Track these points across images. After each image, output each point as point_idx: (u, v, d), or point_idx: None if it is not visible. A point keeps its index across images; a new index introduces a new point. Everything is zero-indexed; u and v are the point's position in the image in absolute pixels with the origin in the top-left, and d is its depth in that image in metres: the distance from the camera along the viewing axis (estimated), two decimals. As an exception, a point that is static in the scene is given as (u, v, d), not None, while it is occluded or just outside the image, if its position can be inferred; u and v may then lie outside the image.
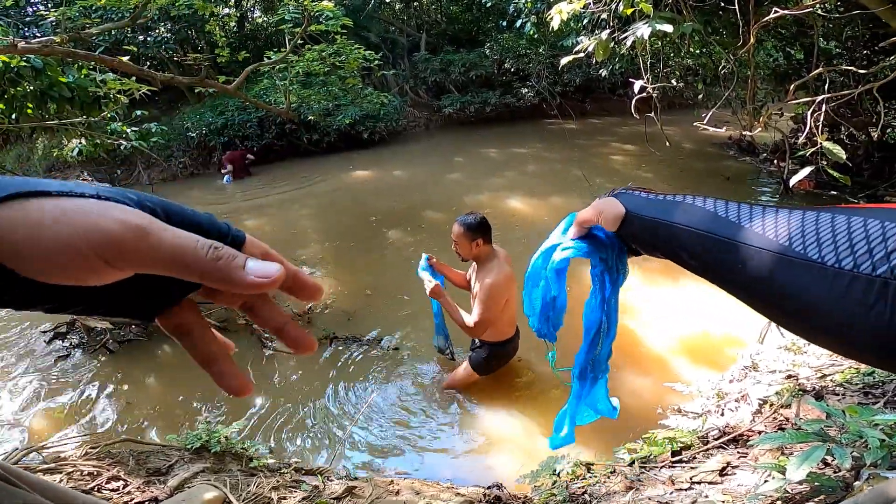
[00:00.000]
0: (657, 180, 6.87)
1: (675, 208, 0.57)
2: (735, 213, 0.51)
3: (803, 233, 0.43)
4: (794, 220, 0.46)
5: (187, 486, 1.39)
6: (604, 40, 3.43)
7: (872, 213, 0.41)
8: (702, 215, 0.54)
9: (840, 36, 5.17)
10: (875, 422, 1.32)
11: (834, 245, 0.41)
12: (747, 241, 0.48)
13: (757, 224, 0.48)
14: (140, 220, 0.27)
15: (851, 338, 0.40)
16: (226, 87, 4.73)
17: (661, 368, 3.12)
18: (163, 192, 9.15)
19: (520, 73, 11.87)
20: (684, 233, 0.55)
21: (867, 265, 0.38)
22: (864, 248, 0.39)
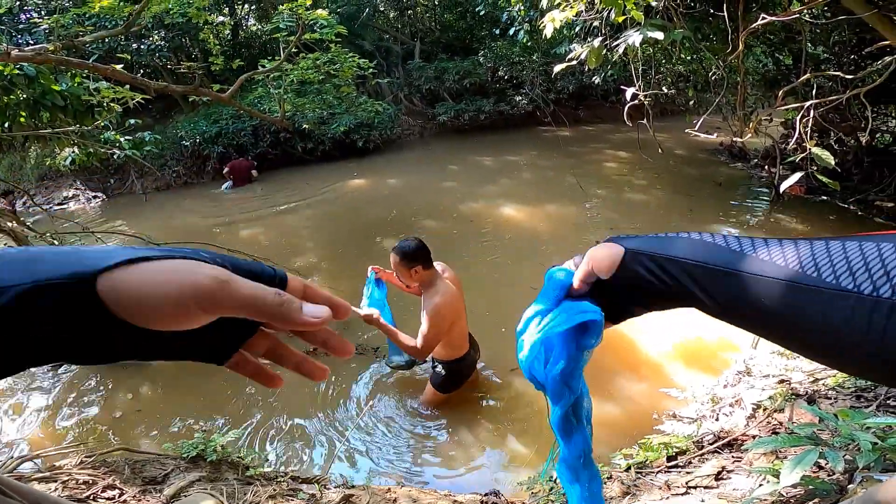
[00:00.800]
0: (650, 187, 6.92)
1: (676, 242, 0.54)
2: (746, 245, 0.50)
3: (815, 260, 0.44)
4: (804, 249, 0.46)
5: (184, 495, 1.39)
6: (596, 48, 3.47)
7: (882, 238, 0.42)
8: (712, 249, 0.51)
9: (828, 41, 5.23)
10: (867, 425, 1.34)
11: (849, 270, 0.41)
12: (765, 273, 0.47)
13: (767, 255, 0.48)
14: (223, 275, 0.33)
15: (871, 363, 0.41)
16: (220, 95, 4.73)
17: (656, 374, 3.14)
18: (156, 200, 9.13)
19: (513, 80, 11.94)
20: (692, 267, 0.51)
21: (887, 289, 0.38)
22: (882, 271, 0.39)
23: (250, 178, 9.50)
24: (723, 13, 3.26)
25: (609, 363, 3.32)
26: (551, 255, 4.91)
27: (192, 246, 2.29)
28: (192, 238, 5.30)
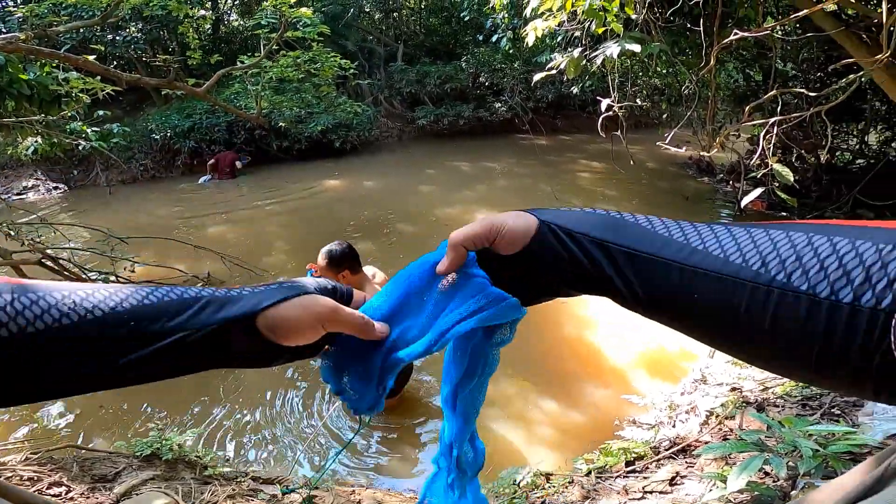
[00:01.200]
0: (621, 198, 7.07)
1: (599, 220, 0.48)
2: (685, 233, 0.45)
3: (780, 256, 0.39)
4: (762, 240, 0.41)
5: (135, 494, 1.36)
6: (575, 58, 3.54)
7: (855, 230, 0.38)
8: (642, 233, 0.46)
9: (797, 58, 5.38)
10: (809, 432, 1.40)
11: (823, 272, 0.36)
12: (704, 265, 0.42)
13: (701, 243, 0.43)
14: (333, 304, 0.50)
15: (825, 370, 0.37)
16: (195, 89, 4.66)
17: (620, 381, 3.20)
18: (121, 194, 8.90)
19: (494, 87, 12.03)
20: (616, 252, 0.45)
21: (869, 297, 0.34)
22: (862, 276, 0.35)
23: (234, 171, 9.40)
24: (699, 28, 3.35)
25: (575, 370, 3.38)
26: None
27: (158, 240, 2.26)
28: (158, 233, 5.18)
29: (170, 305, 0.45)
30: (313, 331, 0.49)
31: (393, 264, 5.20)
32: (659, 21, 3.65)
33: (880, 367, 0.34)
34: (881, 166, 5.40)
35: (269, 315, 0.47)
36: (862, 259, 0.35)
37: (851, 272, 0.35)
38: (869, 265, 0.35)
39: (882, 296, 0.33)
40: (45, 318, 0.41)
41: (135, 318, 0.44)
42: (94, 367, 0.43)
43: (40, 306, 0.42)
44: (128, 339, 0.43)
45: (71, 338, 0.42)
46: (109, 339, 0.43)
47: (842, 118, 5.71)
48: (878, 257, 0.35)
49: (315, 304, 0.49)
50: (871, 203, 5.19)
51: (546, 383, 3.21)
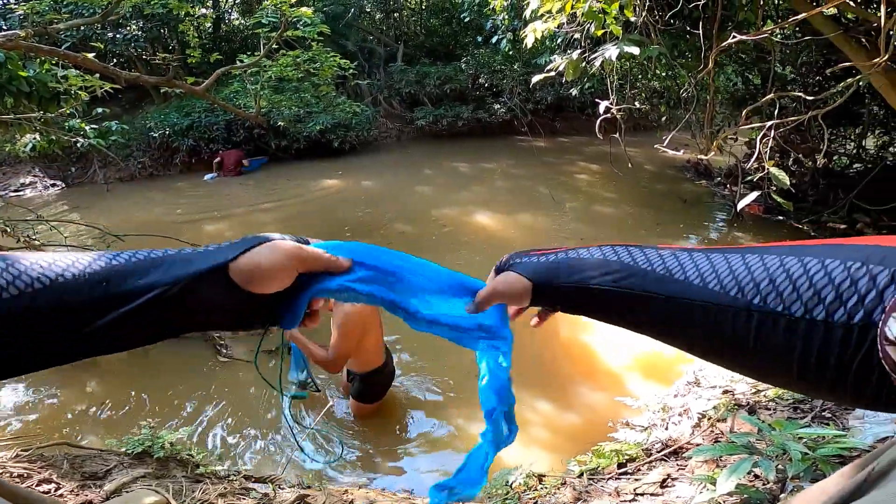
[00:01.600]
0: (619, 201, 7.07)
1: (588, 266, 0.53)
2: (666, 265, 0.48)
3: (755, 280, 0.41)
4: (738, 266, 0.43)
5: (125, 491, 1.36)
6: (574, 60, 3.54)
7: (822, 251, 0.40)
8: (625, 270, 0.50)
9: (796, 62, 5.38)
10: (799, 435, 1.40)
11: (796, 292, 0.39)
12: (686, 295, 0.45)
13: (682, 273, 0.46)
14: (299, 245, 0.52)
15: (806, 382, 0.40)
16: (194, 88, 4.66)
17: (615, 383, 3.21)
18: (118, 191, 8.90)
19: (493, 88, 12.03)
20: (603, 294, 0.51)
21: (841, 314, 0.36)
22: (833, 294, 0.37)
23: (239, 169, 9.46)
24: (699, 31, 3.36)
25: (570, 372, 3.38)
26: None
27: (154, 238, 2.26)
28: (154, 231, 5.17)
29: (140, 264, 0.46)
30: (286, 272, 0.50)
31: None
32: (658, 24, 3.65)
33: (858, 376, 0.36)
34: (878, 171, 5.42)
35: (242, 262, 0.47)
36: (831, 278, 0.37)
37: (822, 291, 0.37)
38: (838, 283, 0.37)
39: (854, 311, 0.35)
40: (18, 284, 0.41)
41: (107, 278, 0.44)
42: (69, 331, 0.43)
43: (10, 273, 0.41)
44: (103, 299, 0.43)
45: (45, 303, 0.41)
46: (84, 300, 0.43)
47: (840, 122, 5.72)
48: (846, 275, 0.37)
49: (282, 246, 0.50)
50: (867, 208, 5.20)
51: (541, 385, 3.21)
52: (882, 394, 0.35)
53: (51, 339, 0.42)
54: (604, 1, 3.11)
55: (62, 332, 0.42)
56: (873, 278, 0.36)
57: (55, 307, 0.42)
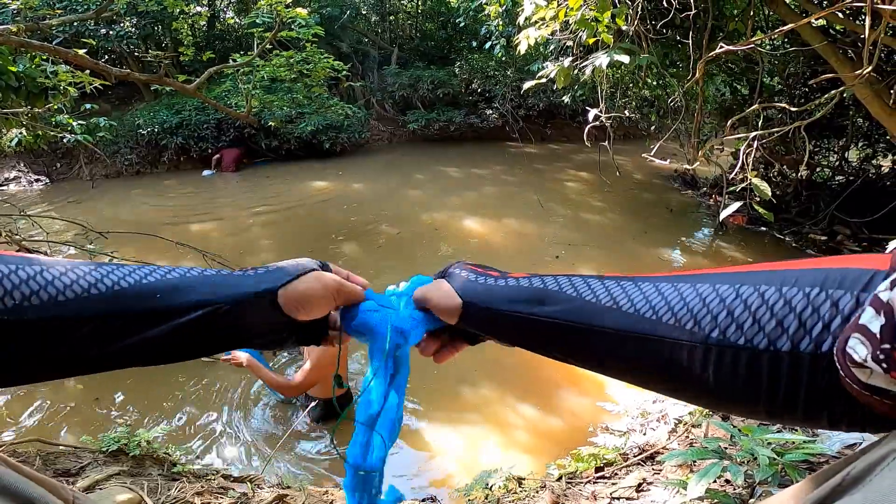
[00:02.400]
0: (606, 209, 7.14)
1: (515, 294, 0.51)
2: (612, 297, 0.45)
3: (711, 313, 0.39)
4: (691, 297, 0.41)
5: (99, 488, 1.35)
6: (565, 67, 3.58)
7: (778, 277, 0.38)
8: (569, 301, 0.47)
9: (783, 73, 5.41)
10: (768, 440, 1.44)
11: (757, 324, 0.37)
12: (638, 329, 0.43)
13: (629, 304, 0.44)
14: (340, 279, 0.56)
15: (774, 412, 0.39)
16: (185, 86, 4.64)
17: (597, 389, 3.24)
18: (104, 188, 8.83)
19: (486, 94, 12.07)
20: (534, 323, 0.49)
21: (807, 343, 0.35)
22: (796, 324, 0.36)
23: (237, 166, 9.60)
24: (689, 41, 3.41)
25: (554, 377, 3.40)
26: (507, 268, 5.01)
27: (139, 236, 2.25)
28: (140, 229, 5.14)
29: (193, 280, 0.48)
30: (328, 303, 0.54)
31: (379, 267, 5.21)
32: (650, 33, 3.70)
33: (832, 404, 0.35)
34: (859, 183, 5.50)
35: (291, 288, 0.51)
36: (792, 306, 0.36)
37: (784, 320, 0.36)
38: (800, 311, 0.36)
39: (820, 339, 0.34)
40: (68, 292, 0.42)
41: (160, 290, 0.45)
42: (113, 342, 0.43)
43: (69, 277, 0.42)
44: (153, 312, 0.45)
45: (94, 312, 0.42)
46: (136, 313, 0.44)
47: (824, 134, 5.79)
48: (807, 302, 0.36)
49: (327, 278, 0.54)
50: (848, 220, 5.28)
51: (524, 389, 3.24)
52: (858, 417, 0.35)
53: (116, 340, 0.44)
54: (596, 9, 3.14)
55: (103, 341, 0.43)
56: (835, 304, 0.34)
57: (99, 317, 0.43)
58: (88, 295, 0.42)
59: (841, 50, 3.61)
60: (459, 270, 0.57)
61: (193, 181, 9.22)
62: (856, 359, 0.31)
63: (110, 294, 0.43)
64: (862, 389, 0.32)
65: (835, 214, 5.41)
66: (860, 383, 0.32)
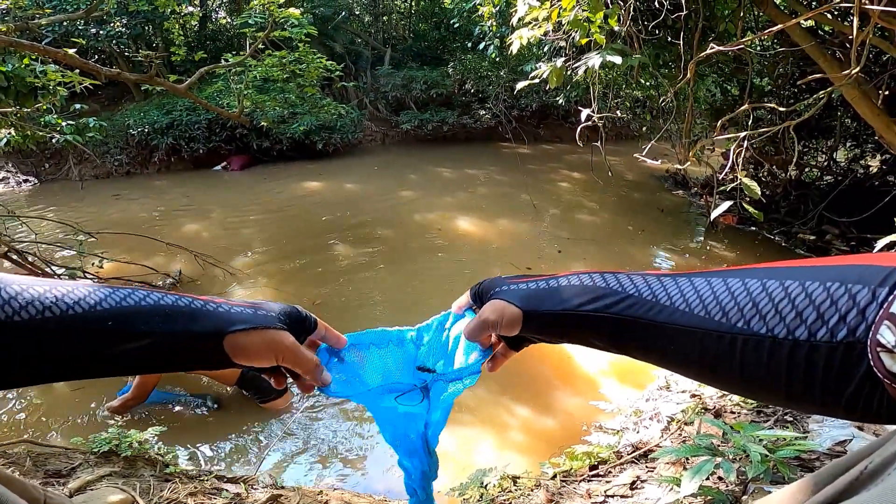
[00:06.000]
0: (599, 209, 7.17)
1: (576, 292, 0.55)
2: (652, 291, 0.50)
3: (738, 305, 0.43)
4: (720, 290, 0.45)
5: (90, 489, 1.34)
6: (558, 67, 3.59)
7: (802, 272, 0.41)
8: (613, 297, 0.52)
9: (773, 73, 5.46)
10: (759, 437, 1.45)
11: (778, 315, 0.40)
12: (673, 321, 0.47)
13: (667, 298, 0.48)
14: (295, 346, 0.57)
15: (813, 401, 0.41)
16: (176, 86, 4.61)
17: (591, 388, 3.26)
18: (93, 188, 8.76)
19: (479, 94, 12.09)
20: (593, 319, 0.53)
21: (824, 332, 0.38)
22: (814, 314, 0.38)
23: (243, 167, 9.84)
24: (680, 42, 3.43)
25: (548, 376, 3.42)
26: (501, 269, 5.02)
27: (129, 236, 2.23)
28: (130, 229, 5.10)
29: (145, 309, 0.51)
30: (268, 362, 0.57)
31: (372, 269, 5.20)
32: (641, 33, 3.73)
33: (846, 392, 0.37)
34: (848, 183, 5.56)
35: (236, 339, 0.54)
36: (812, 299, 0.39)
37: (803, 312, 0.39)
38: (819, 303, 0.38)
39: (836, 329, 0.37)
40: (30, 310, 0.45)
41: (114, 317, 0.49)
42: (74, 357, 0.48)
43: (24, 297, 0.45)
44: (107, 335, 0.48)
45: (54, 330, 0.46)
46: (93, 332, 0.48)
47: (813, 135, 5.85)
48: (826, 295, 0.38)
49: (279, 343, 0.56)
50: (836, 220, 5.33)
51: (519, 389, 3.24)
52: (873, 404, 0.36)
53: (66, 359, 0.48)
54: (589, 10, 3.16)
55: (63, 358, 0.48)
56: (853, 297, 0.37)
57: (67, 335, 0.47)
58: (43, 317, 0.45)
59: (829, 51, 3.65)
60: (505, 286, 0.61)
61: (185, 181, 9.16)
62: (884, 343, 0.34)
63: (66, 318, 0.47)
64: (884, 377, 0.34)
65: (823, 214, 5.46)
66: (884, 370, 0.34)
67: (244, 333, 0.54)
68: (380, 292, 4.63)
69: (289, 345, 0.57)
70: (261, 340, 0.55)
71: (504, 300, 0.59)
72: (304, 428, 2.90)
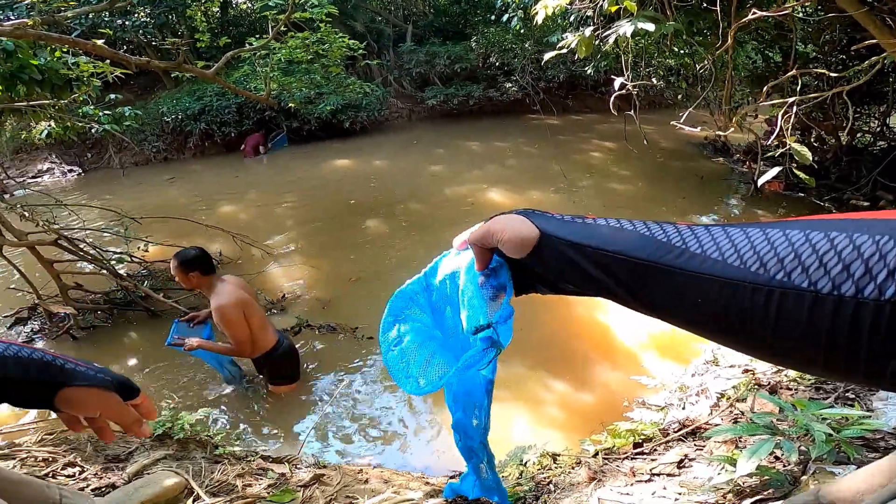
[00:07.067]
0: (634, 178, 6.97)
1: (603, 231, 0.49)
2: (682, 237, 0.44)
3: (778, 255, 0.38)
4: (759, 240, 0.40)
5: (147, 473, 1.38)
6: (586, 37, 3.45)
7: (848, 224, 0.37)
8: (640, 240, 0.46)
9: (818, 40, 5.25)
10: (823, 415, 1.37)
11: (823, 268, 0.36)
12: (703, 269, 0.42)
13: (699, 247, 0.43)
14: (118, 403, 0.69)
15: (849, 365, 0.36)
16: (204, 72, 4.65)
17: (630, 362, 3.19)
18: (135, 175, 9.06)
19: (504, 67, 11.88)
20: (615, 261, 0.46)
21: (872, 289, 0.34)
22: (862, 269, 0.34)
23: (256, 151, 9.77)
24: (716, 7, 3.26)
25: (585, 350, 3.37)
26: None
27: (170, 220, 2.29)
28: (171, 213, 5.23)
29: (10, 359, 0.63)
30: (92, 414, 0.68)
31: (403, 243, 5.21)
32: (673, 0, 3.55)
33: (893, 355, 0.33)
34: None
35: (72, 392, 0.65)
36: (860, 252, 0.35)
37: (851, 266, 0.35)
38: (868, 257, 0.35)
39: (885, 286, 0.33)
40: None
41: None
42: None
43: None
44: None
45: None
46: None
47: (864, 101, 5.58)
48: (875, 249, 0.35)
49: (107, 400, 0.67)
50: (890, 185, 5.07)
51: (556, 363, 3.20)
52: None
53: None
54: (618, -24, 3.01)
55: None
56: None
57: None
58: None
59: (879, 17, 3.40)
60: (528, 210, 0.54)
61: (219, 165, 9.36)
62: None
63: None
64: None
65: (877, 180, 5.21)
66: None
67: (86, 388, 0.65)
68: (416, 264, 4.65)
69: (114, 403, 0.68)
70: (95, 396, 0.66)
71: (522, 216, 0.52)
72: (343, 409, 2.94)
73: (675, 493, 1.61)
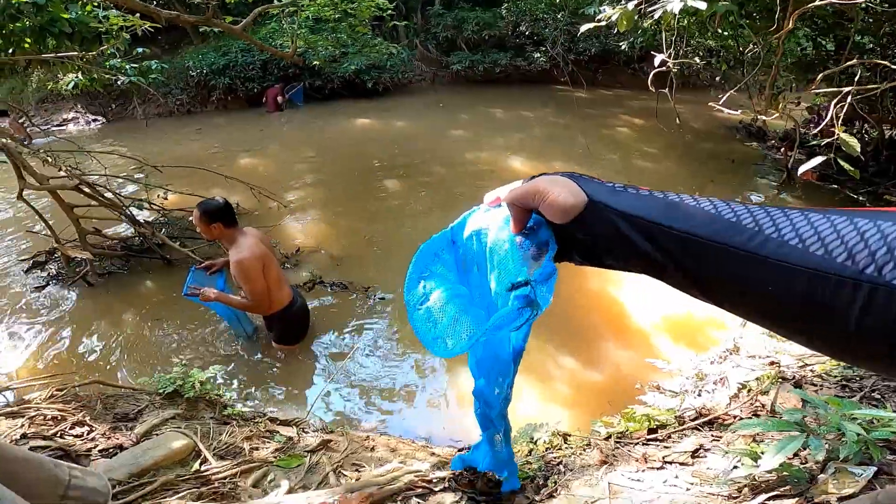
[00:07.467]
0: (661, 156, 6.78)
1: (660, 204, 0.44)
2: (755, 219, 0.40)
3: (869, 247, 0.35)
4: (846, 229, 0.36)
5: (155, 433, 1.38)
6: (629, 11, 3.30)
7: None
8: (705, 217, 0.42)
9: (878, 31, 5.01)
10: (854, 415, 1.32)
11: (871, 256, 0.34)
12: (780, 255, 0.38)
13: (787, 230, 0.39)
14: None
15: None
16: (232, 27, 4.60)
17: (643, 343, 3.13)
18: (157, 126, 9.15)
19: (534, 37, 11.57)
20: (674, 237, 0.42)
21: None
22: None
23: (276, 105, 9.80)
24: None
25: (596, 326, 3.30)
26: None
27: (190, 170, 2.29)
28: (191, 164, 5.25)
29: None
30: None
31: (420, 205, 5.17)
32: (725, -20, 3.36)
33: None
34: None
35: None
36: None
37: None
38: None
39: None
40: None
41: None
42: None
43: None
44: None
45: None
46: None
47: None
48: None
49: None
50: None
51: (566, 336, 3.13)
52: None
53: None
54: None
55: None
56: None
57: None
58: None
59: None
60: (580, 176, 0.49)
61: (241, 119, 9.37)
62: None
63: None
64: None
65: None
66: None
67: None
68: (432, 227, 4.61)
69: None
70: None
71: (571, 180, 0.48)
72: (352, 371, 2.94)
73: (686, 483, 1.58)
